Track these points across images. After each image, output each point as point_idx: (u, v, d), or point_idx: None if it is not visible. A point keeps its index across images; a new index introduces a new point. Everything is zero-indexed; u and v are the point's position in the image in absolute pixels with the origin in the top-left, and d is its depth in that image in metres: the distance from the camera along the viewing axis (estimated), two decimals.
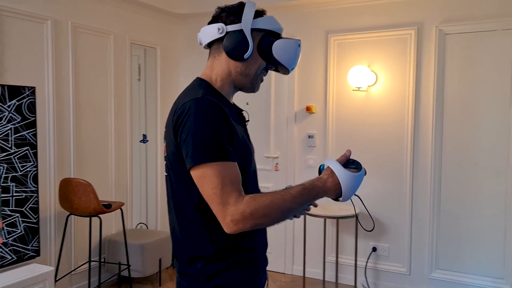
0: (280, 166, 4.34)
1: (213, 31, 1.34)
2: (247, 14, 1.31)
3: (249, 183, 1.34)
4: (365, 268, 3.96)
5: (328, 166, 1.28)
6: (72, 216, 3.58)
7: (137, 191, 4.75)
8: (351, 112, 3.99)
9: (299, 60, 1.39)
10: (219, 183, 1.16)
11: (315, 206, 1.42)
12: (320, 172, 1.32)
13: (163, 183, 4.74)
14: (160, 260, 4.05)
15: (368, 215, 3.67)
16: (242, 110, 1.46)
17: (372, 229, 3.84)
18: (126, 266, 3.78)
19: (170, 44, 4.78)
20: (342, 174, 1.25)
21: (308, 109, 4.11)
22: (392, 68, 3.81)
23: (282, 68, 1.38)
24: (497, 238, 3.52)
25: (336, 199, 1.30)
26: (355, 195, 1.30)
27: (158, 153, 4.70)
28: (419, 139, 3.74)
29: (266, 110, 4.39)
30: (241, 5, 1.34)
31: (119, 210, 3.89)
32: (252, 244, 1.36)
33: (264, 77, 1.43)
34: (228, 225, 1.16)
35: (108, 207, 3.50)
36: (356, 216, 2.94)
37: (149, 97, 4.73)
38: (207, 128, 1.19)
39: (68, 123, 3.67)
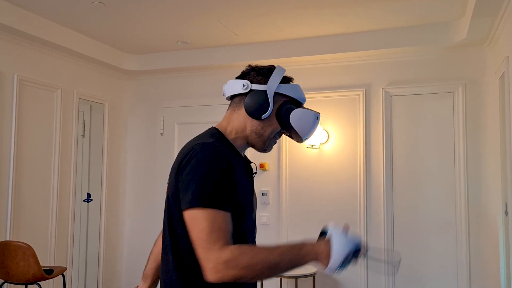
0: None
1: (238, 86, 1.36)
2: (275, 78, 1.34)
3: (241, 238, 1.27)
4: None
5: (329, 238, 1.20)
6: (6, 284, 3.22)
7: (76, 254, 4.41)
8: (305, 169, 4.02)
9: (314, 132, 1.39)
10: (207, 227, 1.14)
11: None
12: (320, 235, 1.27)
13: (107, 244, 4.46)
14: None
15: (325, 273, 3.62)
16: (251, 162, 1.45)
17: None
18: None
19: (118, 100, 4.67)
20: (339, 238, 1.19)
21: (261, 166, 4.10)
22: (343, 126, 3.94)
23: (296, 136, 1.39)
24: None
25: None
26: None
27: (103, 212, 4.44)
28: (371, 195, 3.83)
29: None
30: (271, 68, 1.37)
31: (59, 276, 3.56)
32: None
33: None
34: (209, 272, 1.12)
35: (49, 272, 3.20)
36: (313, 275, 2.89)
37: (94, 154, 4.52)
38: (208, 174, 1.18)
39: (7, 181, 3.39)
